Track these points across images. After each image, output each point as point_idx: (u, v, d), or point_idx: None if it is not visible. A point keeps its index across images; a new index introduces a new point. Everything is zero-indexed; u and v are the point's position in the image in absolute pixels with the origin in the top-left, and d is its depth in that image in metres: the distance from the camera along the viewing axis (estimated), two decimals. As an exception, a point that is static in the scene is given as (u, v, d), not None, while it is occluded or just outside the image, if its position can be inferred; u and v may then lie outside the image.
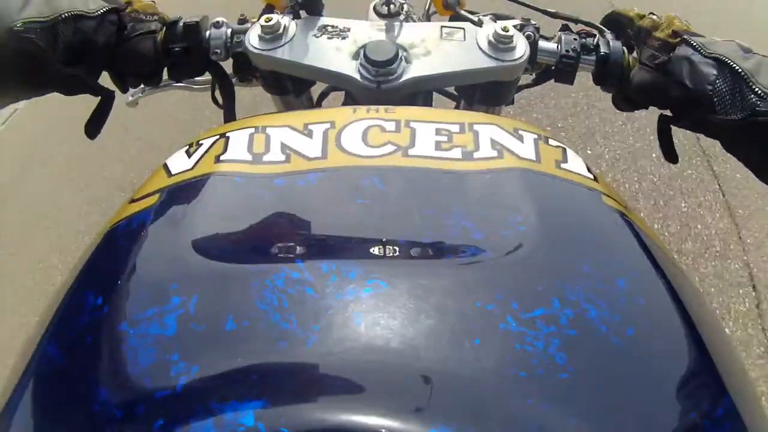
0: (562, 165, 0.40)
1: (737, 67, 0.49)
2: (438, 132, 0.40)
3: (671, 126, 0.57)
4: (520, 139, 0.41)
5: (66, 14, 0.51)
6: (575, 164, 0.41)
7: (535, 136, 0.42)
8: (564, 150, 0.42)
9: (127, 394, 0.25)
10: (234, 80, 0.63)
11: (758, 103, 0.47)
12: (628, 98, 0.58)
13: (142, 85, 0.64)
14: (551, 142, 0.42)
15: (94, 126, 0.59)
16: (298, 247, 0.31)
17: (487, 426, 0.22)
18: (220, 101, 0.64)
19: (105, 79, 0.58)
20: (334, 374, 0.24)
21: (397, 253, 0.30)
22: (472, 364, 0.25)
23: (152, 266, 0.33)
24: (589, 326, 0.28)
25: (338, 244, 0.32)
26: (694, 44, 0.51)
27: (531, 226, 0.33)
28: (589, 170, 0.41)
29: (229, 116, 0.63)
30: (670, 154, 0.60)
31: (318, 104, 0.70)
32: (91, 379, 0.26)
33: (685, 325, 0.32)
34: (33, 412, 0.27)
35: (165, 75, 0.61)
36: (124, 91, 0.62)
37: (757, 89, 0.47)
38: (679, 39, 0.53)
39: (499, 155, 0.38)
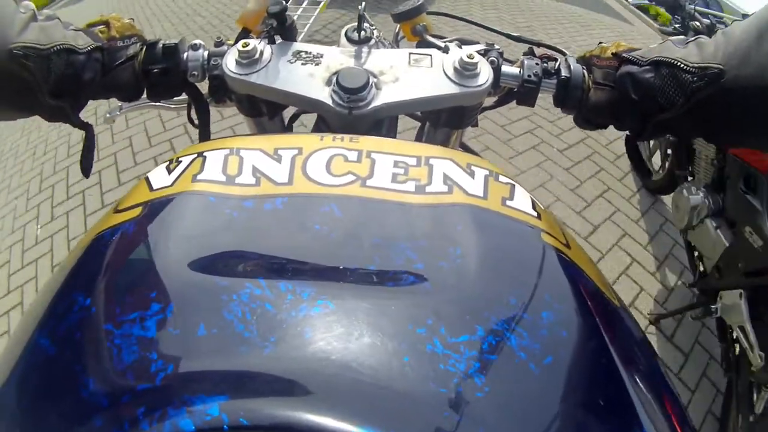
0: (508, 202, 0.42)
1: (670, 59, 0.52)
2: (396, 164, 0.42)
3: (638, 143, 0.60)
4: (472, 175, 0.43)
5: (59, 46, 0.52)
6: (521, 202, 0.43)
7: (487, 173, 0.44)
8: (513, 187, 0.44)
9: (113, 386, 0.28)
10: (209, 101, 0.65)
11: (693, 80, 0.50)
12: (587, 119, 0.61)
13: (119, 104, 0.66)
14: (501, 179, 0.44)
15: (87, 162, 0.61)
16: (261, 267, 0.34)
17: (404, 431, 0.25)
18: (196, 121, 0.65)
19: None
20: (284, 378, 0.27)
21: (346, 278, 0.33)
22: (400, 378, 0.28)
23: (135, 274, 0.35)
24: (508, 353, 0.31)
25: (296, 266, 0.35)
26: (632, 58, 0.55)
27: (468, 260, 0.35)
28: (534, 208, 0.43)
29: (204, 135, 0.65)
30: (640, 169, 0.63)
31: (289, 126, 0.72)
32: (80, 371, 0.29)
33: (605, 358, 0.34)
34: (25, 399, 0.30)
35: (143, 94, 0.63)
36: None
37: (689, 68, 0.50)
38: (620, 58, 0.56)
39: (448, 191, 0.41)
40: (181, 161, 0.44)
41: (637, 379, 0.35)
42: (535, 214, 0.43)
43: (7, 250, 2.23)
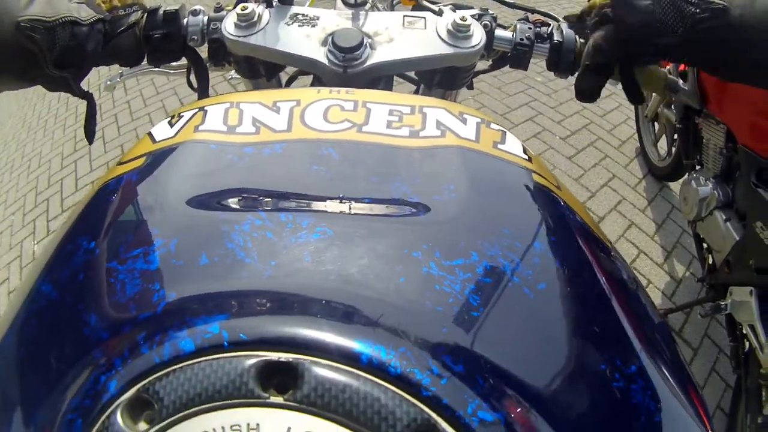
0: (499, 146, 0.44)
1: None
2: (391, 113, 0.44)
3: (632, 65, 0.58)
4: (464, 121, 0.45)
5: (64, 18, 0.53)
6: (512, 146, 0.44)
7: (479, 120, 0.46)
8: (504, 133, 0.46)
9: (115, 319, 0.28)
10: (209, 65, 0.66)
11: (696, 11, 0.50)
12: (584, 81, 0.59)
13: (120, 70, 0.68)
14: (493, 126, 0.46)
15: (90, 129, 0.62)
16: (261, 202, 0.36)
17: (403, 344, 0.26)
18: (195, 85, 0.67)
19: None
20: (284, 296, 0.28)
21: (343, 209, 0.35)
22: (396, 297, 0.29)
23: (139, 215, 0.36)
24: (503, 277, 0.32)
25: (296, 200, 0.36)
26: None
27: (461, 194, 0.37)
28: (525, 152, 0.45)
29: (204, 98, 0.66)
30: (634, 95, 0.61)
31: (287, 87, 0.73)
32: (82, 309, 0.30)
33: (598, 289, 0.35)
34: (26, 346, 0.30)
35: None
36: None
37: (693, 0, 0.50)
38: None
39: (441, 135, 0.42)
40: (182, 116, 0.45)
41: (631, 312, 0.36)
42: (526, 157, 0.44)
43: (6, 267, 2.18)
